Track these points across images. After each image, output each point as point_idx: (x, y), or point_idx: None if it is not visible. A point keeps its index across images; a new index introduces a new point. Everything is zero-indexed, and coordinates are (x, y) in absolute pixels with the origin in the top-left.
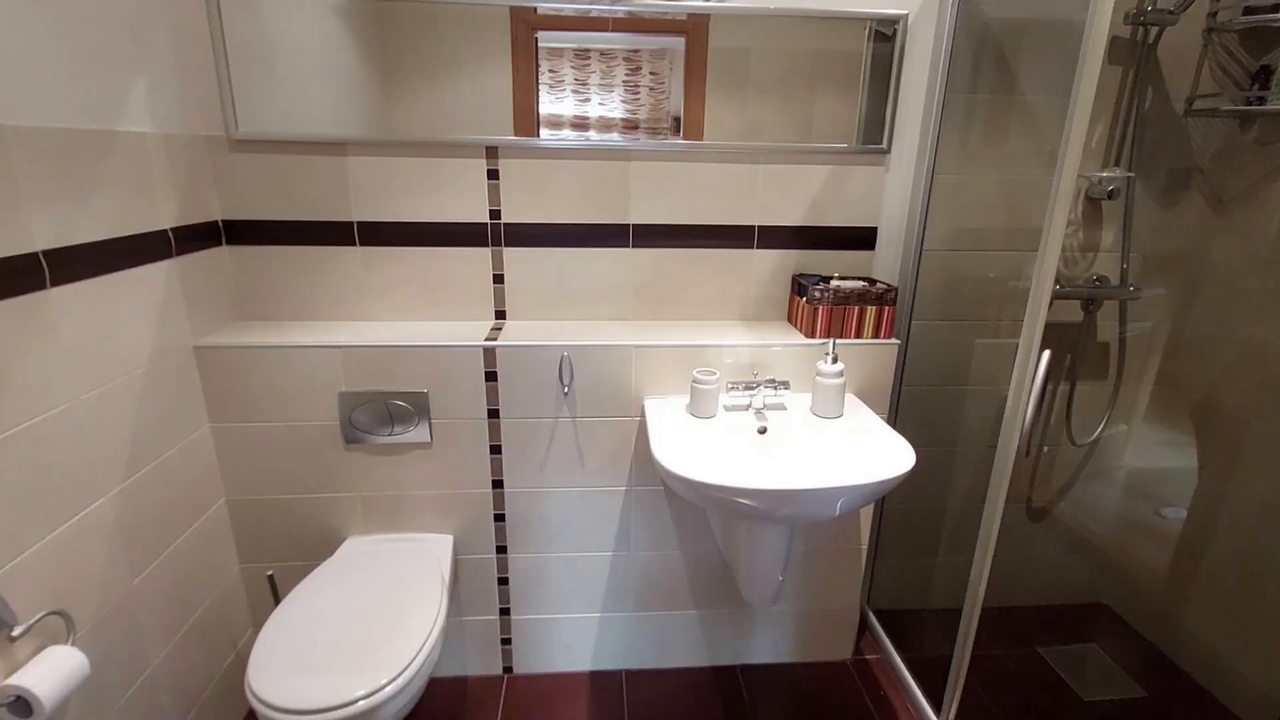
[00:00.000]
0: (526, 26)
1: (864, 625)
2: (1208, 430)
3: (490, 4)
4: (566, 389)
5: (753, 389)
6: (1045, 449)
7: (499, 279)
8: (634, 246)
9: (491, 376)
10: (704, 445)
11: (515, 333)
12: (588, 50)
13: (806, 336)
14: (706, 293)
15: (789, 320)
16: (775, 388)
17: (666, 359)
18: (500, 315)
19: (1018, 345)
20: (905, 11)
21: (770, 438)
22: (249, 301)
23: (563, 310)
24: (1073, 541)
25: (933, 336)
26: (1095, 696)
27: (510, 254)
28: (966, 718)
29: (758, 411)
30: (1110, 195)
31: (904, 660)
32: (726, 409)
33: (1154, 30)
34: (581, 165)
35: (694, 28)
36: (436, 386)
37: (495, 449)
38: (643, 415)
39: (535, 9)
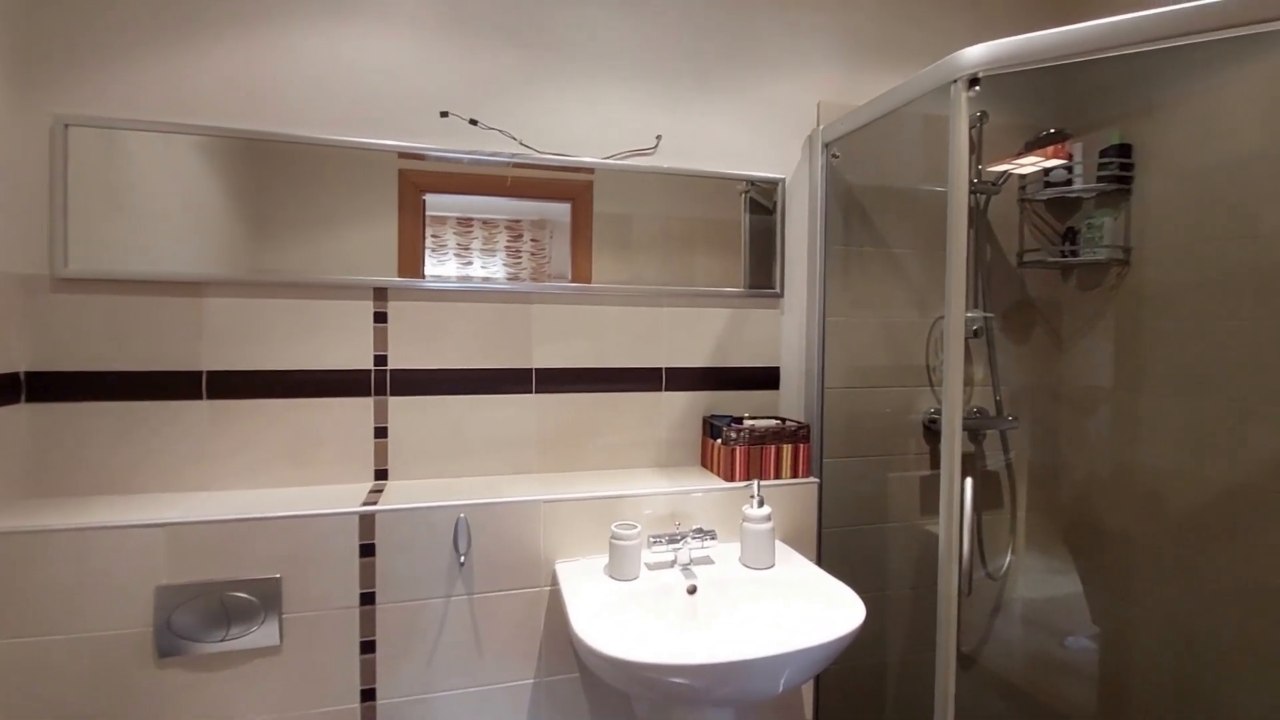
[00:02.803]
0: (414, 188)
1: None
2: (1089, 553)
3: (374, 148)
4: (463, 558)
5: (677, 542)
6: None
7: (381, 432)
8: (537, 392)
9: (368, 550)
10: (629, 614)
11: (400, 494)
12: (470, 218)
13: (725, 480)
14: (617, 439)
15: (703, 464)
16: (702, 538)
17: (579, 514)
18: (381, 475)
19: (926, 477)
20: (783, 175)
21: (701, 598)
22: (51, 473)
23: (457, 465)
24: (1003, 689)
25: (845, 474)
26: None
27: (397, 404)
28: None
29: (684, 568)
30: (975, 334)
31: None
32: (650, 567)
33: (982, 198)
34: (480, 308)
35: (579, 194)
36: (294, 569)
37: (368, 646)
38: (554, 583)
39: (423, 156)
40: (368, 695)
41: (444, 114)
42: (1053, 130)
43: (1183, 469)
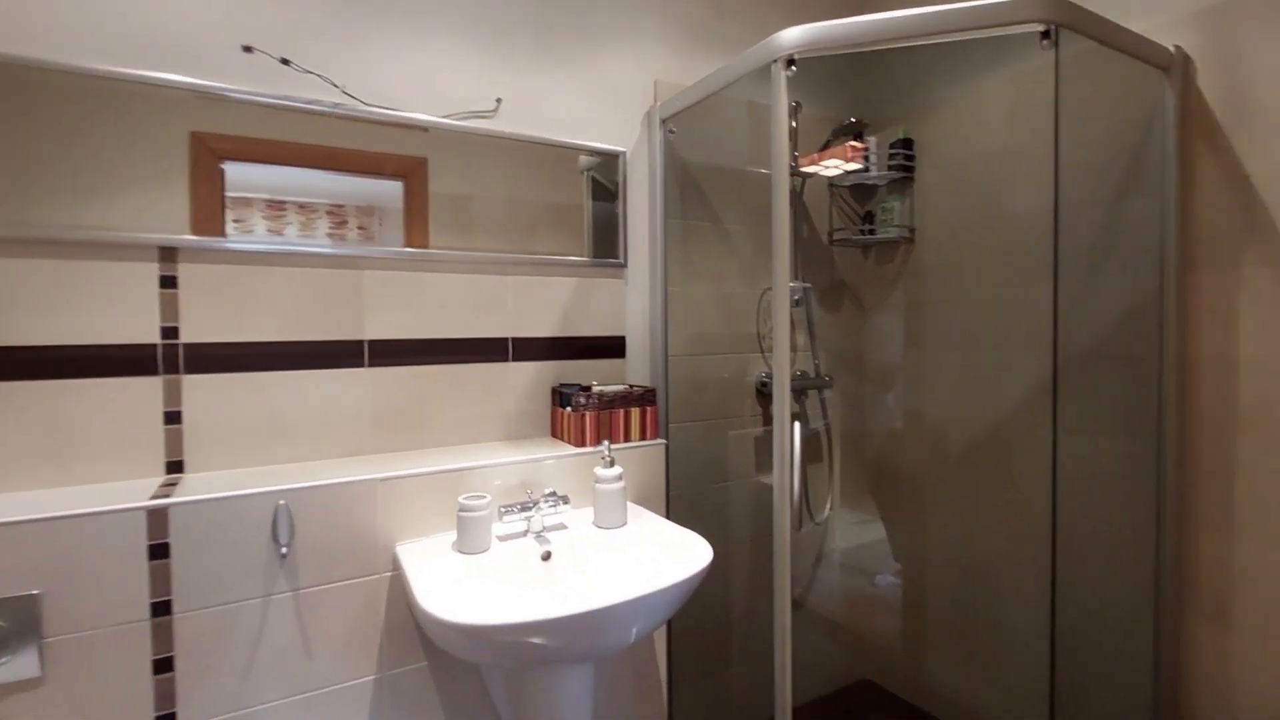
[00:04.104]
0: (211, 154)
1: None
2: (890, 497)
3: (158, 83)
4: (284, 549)
5: (529, 509)
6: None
7: (174, 417)
8: (370, 366)
9: (160, 551)
10: (481, 585)
11: (201, 487)
12: (283, 201)
13: (576, 446)
14: (462, 414)
15: (554, 435)
16: (555, 503)
17: (422, 491)
18: (175, 468)
19: (760, 436)
20: (624, 149)
21: (557, 563)
22: None
23: (276, 451)
24: (827, 627)
25: (689, 437)
26: None
27: (193, 382)
28: None
29: (538, 535)
30: (796, 304)
31: None
32: (501, 539)
33: (799, 181)
34: (299, 274)
35: (413, 171)
36: (58, 583)
37: (164, 664)
38: (396, 567)
39: (223, 98)
40: None
41: (247, 49)
42: (853, 120)
43: (958, 414)
